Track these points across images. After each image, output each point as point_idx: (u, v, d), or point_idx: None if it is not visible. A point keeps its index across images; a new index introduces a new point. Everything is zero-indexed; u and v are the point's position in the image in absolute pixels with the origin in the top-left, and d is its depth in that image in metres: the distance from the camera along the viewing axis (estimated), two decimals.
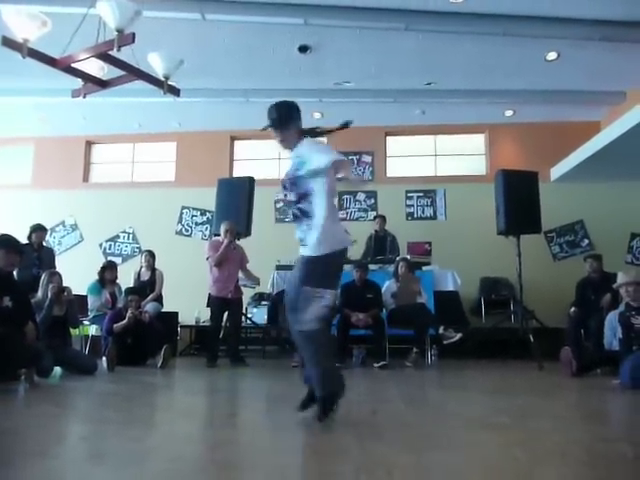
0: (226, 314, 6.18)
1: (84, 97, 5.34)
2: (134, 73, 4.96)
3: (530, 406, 3.58)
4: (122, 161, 10.18)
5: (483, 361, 6.42)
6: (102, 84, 5.24)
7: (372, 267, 6.74)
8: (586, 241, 8.80)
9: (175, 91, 5.48)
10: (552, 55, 7.09)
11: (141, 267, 7.08)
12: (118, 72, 5.02)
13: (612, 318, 5.08)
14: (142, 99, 8.10)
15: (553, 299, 7.31)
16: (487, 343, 6.83)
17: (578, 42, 6.64)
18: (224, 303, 6.05)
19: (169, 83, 5.29)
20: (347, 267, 6.88)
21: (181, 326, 7.75)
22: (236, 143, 9.95)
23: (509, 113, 8.84)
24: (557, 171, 8.58)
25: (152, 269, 7.00)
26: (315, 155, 2.76)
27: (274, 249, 8.06)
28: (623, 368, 4.37)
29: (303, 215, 2.77)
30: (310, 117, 8.84)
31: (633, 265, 8.07)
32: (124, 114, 9.03)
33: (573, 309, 6.26)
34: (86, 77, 5.13)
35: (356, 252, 7.12)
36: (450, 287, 7.18)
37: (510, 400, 3.83)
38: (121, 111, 8.88)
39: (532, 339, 5.96)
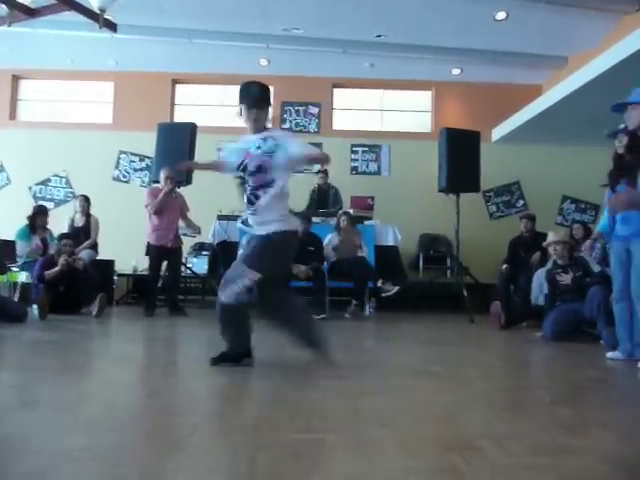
0: (165, 263, 6.07)
1: (9, 26, 4.92)
2: (66, 3, 4.60)
3: (460, 356, 3.76)
4: (54, 99, 9.56)
5: (419, 314, 6.66)
6: (30, 13, 4.85)
7: (315, 220, 6.75)
8: (521, 202, 9.14)
9: (112, 26, 5.16)
10: (501, 15, 7.12)
11: (75, 213, 6.78)
12: (48, 0, 4.64)
13: (540, 275, 5.37)
14: (75, 33, 7.53)
15: (487, 256, 7.60)
16: (423, 297, 7.06)
17: (527, 3, 6.69)
18: (163, 252, 5.92)
19: (105, 17, 4.95)
20: None
21: (118, 275, 7.55)
22: (178, 87, 9.53)
23: (456, 72, 8.88)
24: (498, 132, 8.77)
25: (87, 215, 6.73)
26: (292, 142, 2.87)
27: (216, 198, 7.89)
28: (546, 322, 4.66)
29: (256, 200, 2.83)
30: (256, 64, 8.56)
31: (562, 226, 8.46)
32: (55, 48, 8.39)
33: (505, 266, 6.55)
34: (11, 3, 4.72)
35: (299, 205, 7.10)
36: (390, 242, 7.32)
37: (442, 350, 4.01)
38: (52, 45, 8.24)
39: (465, 294, 6.21)
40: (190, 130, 6.82)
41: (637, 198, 3.13)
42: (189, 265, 7.32)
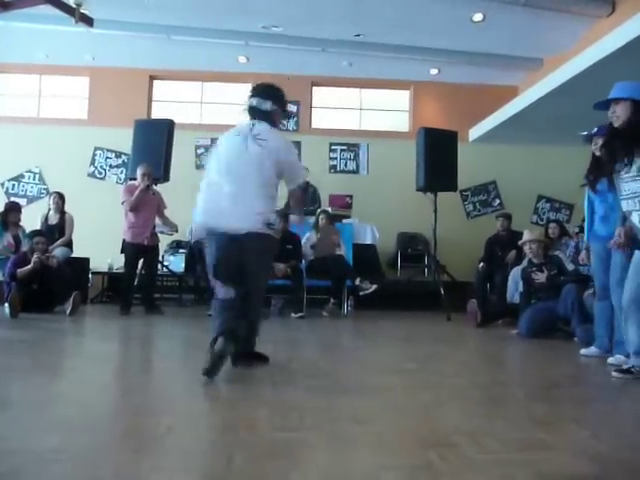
0: (141, 261, 5.99)
1: None
2: None
3: (437, 353, 3.79)
4: (27, 94, 9.36)
5: (396, 312, 6.70)
6: (3, 5, 4.75)
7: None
8: (497, 201, 9.25)
9: (88, 21, 5.06)
10: (478, 16, 7.18)
11: (49, 210, 6.65)
12: None
13: (515, 273, 5.45)
14: (50, 27, 7.38)
15: (464, 255, 7.67)
16: (401, 295, 7.10)
17: (503, 5, 6.76)
18: (139, 250, 5.84)
19: (81, 11, 4.87)
20: None
21: (92, 273, 7.43)
22: (155, 83, 9.41)
23: (434, 71, 8.94)
24: (475, 132, 8.86)
25: (61, 212, 6.60)
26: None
27: (194, 196, 7.82)
28: (521, 319, 4.73)
29: None
30: (235, 61, 8.49)
31: (538, 225, 8.59)
32: (29, 42, 8.21)
33: (481, 264, 6.63)
34: None
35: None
36: (369, 240, 7.34)
37: (419, 348, 4.04)
38: (26, 38, 8.06)
39: (443, 292, 6.26)
40: (167, 127, 6.74)
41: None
42: (166, 263, 7.24)
